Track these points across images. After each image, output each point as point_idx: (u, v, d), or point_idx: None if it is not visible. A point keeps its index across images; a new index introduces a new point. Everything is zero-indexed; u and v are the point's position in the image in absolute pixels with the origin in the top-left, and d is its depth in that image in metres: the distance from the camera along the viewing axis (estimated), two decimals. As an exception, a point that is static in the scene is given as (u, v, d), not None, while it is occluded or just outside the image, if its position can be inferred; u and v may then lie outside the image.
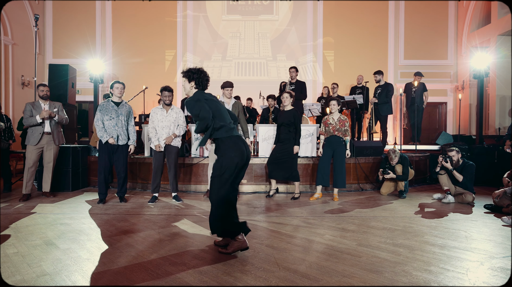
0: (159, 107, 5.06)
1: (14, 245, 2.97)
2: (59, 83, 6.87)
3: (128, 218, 4.02)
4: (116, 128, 4.78)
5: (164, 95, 4.95)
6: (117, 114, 4.79)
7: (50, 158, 5.27)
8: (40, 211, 4.34)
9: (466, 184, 4.98)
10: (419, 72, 8.55)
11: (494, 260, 2.66)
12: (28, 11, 10.03)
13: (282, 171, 5.26)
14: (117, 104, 4.84)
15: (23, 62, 9.75)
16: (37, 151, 5.15)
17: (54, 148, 5.28)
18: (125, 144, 4.90)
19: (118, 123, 4.79)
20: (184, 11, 11.18)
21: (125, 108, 4.90)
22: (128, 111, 4.94)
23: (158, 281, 2.24)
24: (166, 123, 4.99)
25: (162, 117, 4.99)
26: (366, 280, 2.26)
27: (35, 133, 5.10)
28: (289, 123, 5.19)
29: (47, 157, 5.26)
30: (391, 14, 11.21)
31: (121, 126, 4.82)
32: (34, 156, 5.12)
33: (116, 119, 4.78)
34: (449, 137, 8.54)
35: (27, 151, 5.12)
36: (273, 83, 10.42)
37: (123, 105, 4.88)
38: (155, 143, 4.95)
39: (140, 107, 9.61)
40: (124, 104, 4.91)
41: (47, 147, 5.22)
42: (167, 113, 5.01)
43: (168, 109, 5.03)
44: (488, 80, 9.49)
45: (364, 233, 3.42)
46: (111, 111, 4.76)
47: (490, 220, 4.01)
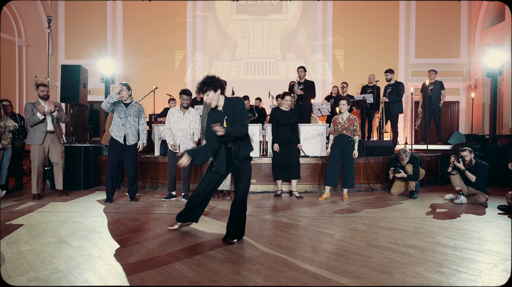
0: (177, 108, 5.15)
1: (28, 242, 3.03)
2: (71, 83, 6.97)
3: (138, 217, 4.07)
4: (124, 128, 4.81)
5: (183, 99, 5.07)
6: (125, 114, 4.82)
7: (58, 157, 5.28)
8: (53, 210, 4.42)
9: (479, 184, 4.89)
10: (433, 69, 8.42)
11: (508, 262, 2.61)
12: (41, 12, 10.21)
13: (288, 172, 5.33)
14: (126, 105, 4.87)
15: (36, 63, 9.93)
16: (42, 150, 5.14)
17: (60, 146, 5.30)
18: (135, 144, 4.94)
19: (127, 123, 4.82)
20: (193, 11, 11.23)
21: (134, 108, 4.91)
22: (137, 111, 4.96)
23: (167, 280, 2.26)
24: (182, 125, 5.09)
25: (178, 119, 5.09)
26: (376, 281, 2.24)
27: (38, 132, 5.08)
28: (290, 123, 5.26)
29: (55, 156, 5.26)
30: (402, 12, 11.07)
31: (130, 127, 4.85)
32: (41, 155, 5.12)
33: (125, 119, 4.82)
34: (461, 136, 8.40)
35: (32, 151, 5.10)
36: (282, 83, 10.39)
37: (132, 105, 4.90)
38: (171, 143, 5.05)
39: (150, 107, 9.70)
40: (133, 104, 4.93)
41: (52, 146, 5.21)
42: (184, 116, 5.11)
43: (185, 112, 5.13)
44: (502, 78, 9.28)
45: (374, 233, 3.39)
46: (120, 111, 4.81)
47: (504, 221, 3.93)
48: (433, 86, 8.30)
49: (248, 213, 4.25)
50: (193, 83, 10.97)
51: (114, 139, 4.80)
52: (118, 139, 4.80)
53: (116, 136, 4.80)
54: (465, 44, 10.95)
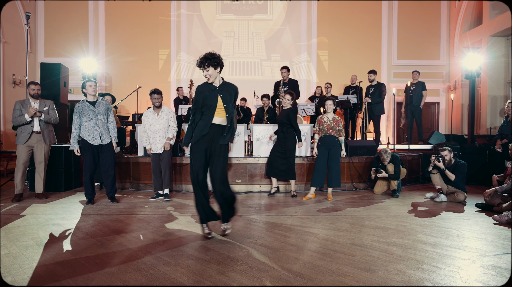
0: (150, 110, 5.09)
1: (5, 246, 2.93)
2: (51, 82, 6.77)
3: (121, 218, 3.99)
4: (97, 128, 4.64)
5: (154, 98, 4.98)
6: (94, 114, 4.65)
7: (42, 158, 5.13)
8: (32, 212, 4.29)
9: (458, 183, 5.03)
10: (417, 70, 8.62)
11: (485, 258, 2.69)
12: (19, 9, 9.89)
13: (280, 170, 5.35)
14: (93, 103, 4.68)
15: (14, 60, 9.62)
16: (27, 149, 5.02)
17: (45, 147, 5.14)
18: (110, 143, 4.79)
19: (98, 122, 4.66)
20: (178, 10, 11.12)
21: (102, 105, 4.73)
22: (105, 108, 4.77)
23: (151, 282, 2.23)
24: (158, 126, 5.04)
25: (153, 120, 5.04)
26: (359, 279, 2.28)
27: (23, 132, 4.98)
28: (284, 122, 5.29)
29: (38, 157, 5.12)
30: (385, 14, 11.28)
31: (102, 125, 4.69)
32: (24, 155, 5.00)
33: (95, 119, 4.64)
34: (441, 136, 8.62)
35: (17, 150, 5.02)
36: (267, 83, 10.41)
37: (99, 103, 4.72)
38: (147, 147, 5.08)
39: (134, 107, 9.55)
40: (100, 101, 4.74)
41: (37, 147, 5.08)
42: (158, 116, 5.05)
43: (158, 112, 5.06)
44: (480, 80, 9.59)
45: (358, 232, 3.44)
46: (88, 112, 4.63)
47: (481, 219, 4.06)
48: (415, 87, 8.50)
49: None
50: (177, 83, 10.87)
51: (87, 141, 4.62)
52: (93, 141, 4.62)
53: (91, 139, 4.61)
54: (445, 47, 11.25)
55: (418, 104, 8.46)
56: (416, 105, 8.46)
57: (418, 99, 8.45)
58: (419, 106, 8.49)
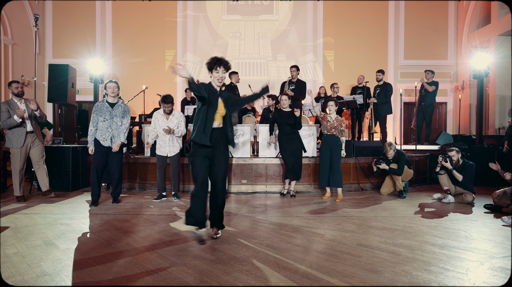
0: (160, 112, 5.15)
1: (14, 245, 2.97)
2: (59, 83, 6.86)
3: (128, 218, 4.02)
4: (110, 130, 4.64)
5: (164, 107, 5.03)
6: (111, 115, 4.64)
7: (39, 156, 5.12)
8: (40, 211, 4.34)
9: (466, 184, 4.97)
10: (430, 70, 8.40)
11: (494, 260, 2.66)
12: (28, 11, 10.03)
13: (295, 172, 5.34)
14: (112, 105, 4.68)
15: (23, 62, 9.75)
16: (23, 152, 4.98)
17: (40, 145, 5.13)
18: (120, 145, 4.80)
19: (112, 125, 4.65)
20: (184, 11, 11.18)
21: (120, 109, 4.72)
22: (123, 111, 4.75)
23: (158, 281, 2.24)
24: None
25: (163, 123, 5.09)
26: (366, 280, 2.26)
27: (17, 134, 4.89)
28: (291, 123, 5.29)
29: (35, 156, 5.09)
30: (391, 14, 11.21)
31: (116, 128, 4.67)
32: (21, 157, 4.96)
33: (110, 120, 4.64)
34: (449, 137, 8.54)
35: (12, 153, 4.94)
36: (273, 83, 10.40)
37: (118, 106, 4.71)
38: (150, 142, 5.23)
39: (140, 107, 9.60)
40: (119, 104, 4.74)
41: (32, 146, 5.06)
42: (169, 120, 5.11)
43: (169, 117, 5.13)
44: (488, 80, 9.48)
45: (364, 233, 3.42)
46: (105, 113, 4.63)
47: (490, 220, 4.01)
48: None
49: (239, 213, 4.26)
50: (183, 84, 10.90)
51: (99, 141, 4.64)
52: (104, 142, 4.62)
53: (102, 140, 4.62)
54: (453, 46, 11.14)
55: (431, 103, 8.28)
56: (429, 104, 8.29)
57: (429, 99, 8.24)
58: (432, 104, 8.34)
